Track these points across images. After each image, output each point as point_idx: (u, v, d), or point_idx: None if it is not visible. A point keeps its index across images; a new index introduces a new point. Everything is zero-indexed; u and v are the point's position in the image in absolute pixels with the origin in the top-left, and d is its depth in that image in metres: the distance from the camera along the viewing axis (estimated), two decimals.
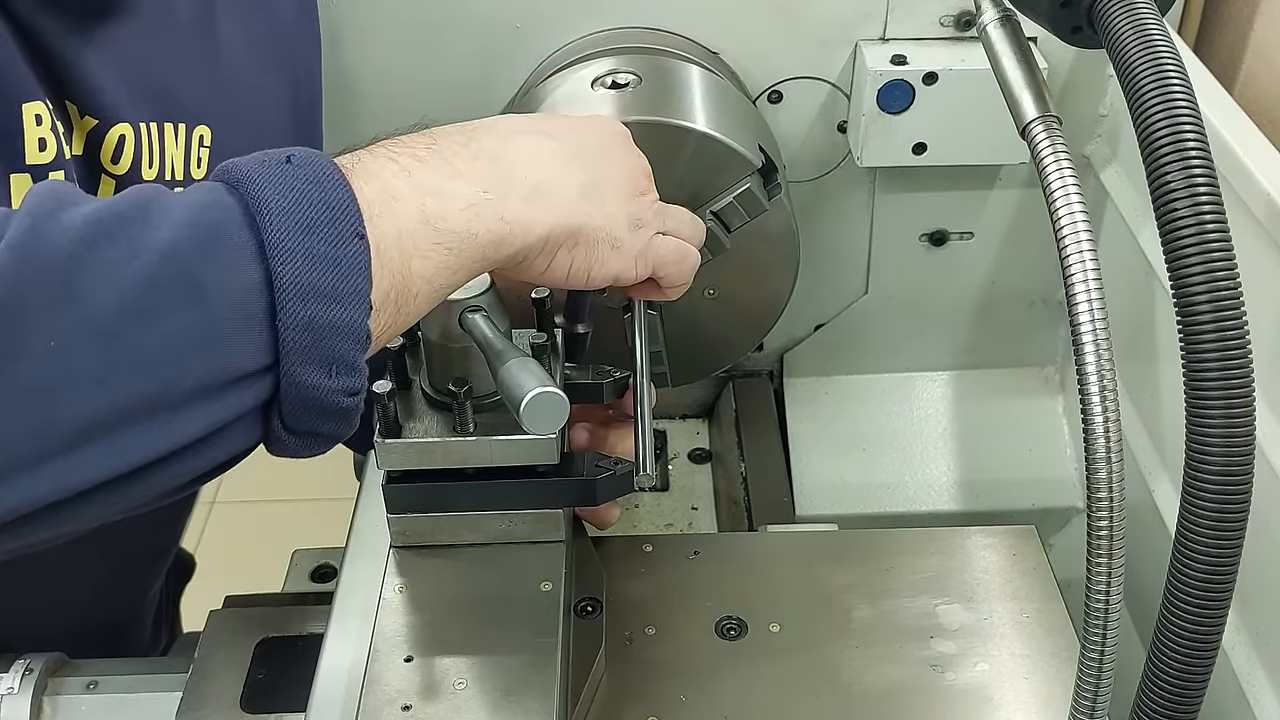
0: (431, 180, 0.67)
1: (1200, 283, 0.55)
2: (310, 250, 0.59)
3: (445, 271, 0.66)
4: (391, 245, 0.63)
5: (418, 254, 0.64)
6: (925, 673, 0.86)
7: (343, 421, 0.63)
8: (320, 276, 0.59)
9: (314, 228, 0.59)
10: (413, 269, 0.64)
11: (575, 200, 0.74)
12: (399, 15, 1.09)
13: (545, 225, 0.71)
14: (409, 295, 0.65)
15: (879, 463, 1.27)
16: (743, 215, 0.96)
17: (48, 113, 0.75)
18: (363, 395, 0.63)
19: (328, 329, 0.59)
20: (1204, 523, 0.57)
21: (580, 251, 0.75)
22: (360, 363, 0.61)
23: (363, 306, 0.60)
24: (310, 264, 0.59)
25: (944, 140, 1.11)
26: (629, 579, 0.93)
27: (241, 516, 2.51)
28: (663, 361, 1.03)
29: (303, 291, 0.58)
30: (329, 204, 0.60)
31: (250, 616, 0.97)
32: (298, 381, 0.59)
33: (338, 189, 0.61)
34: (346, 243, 0.60)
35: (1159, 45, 0.57)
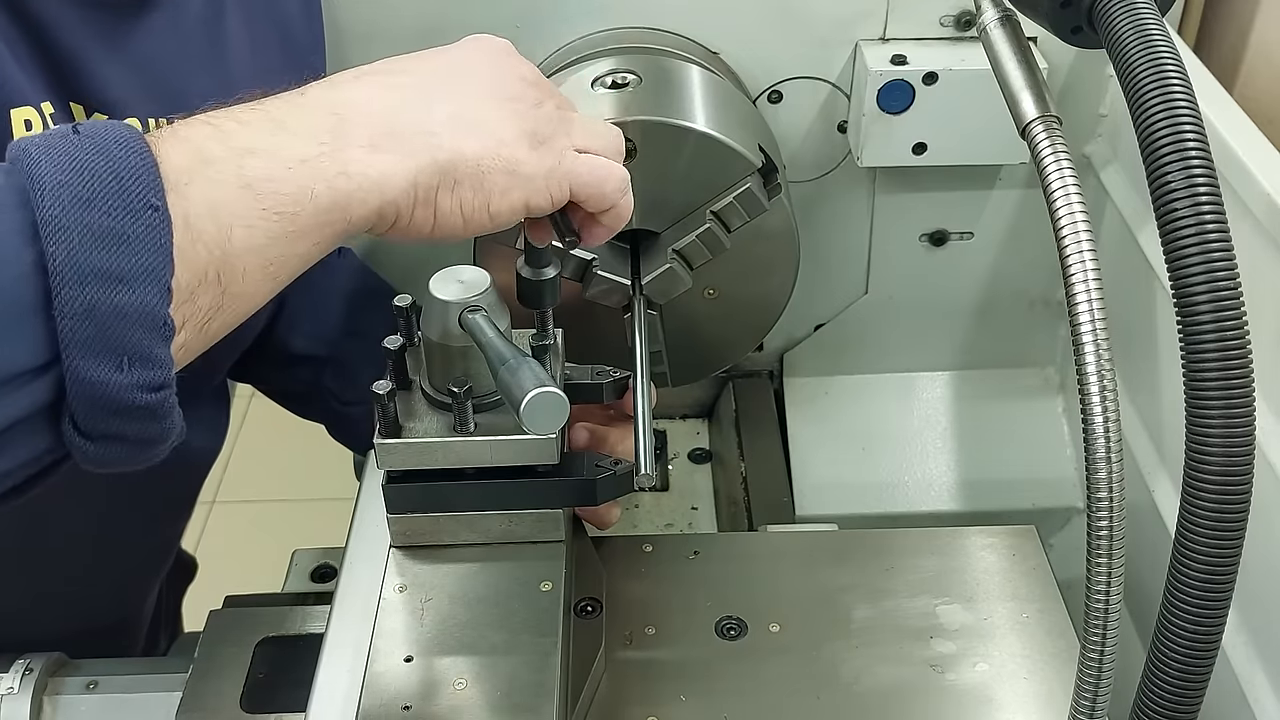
0: (253, 140, 0.59)
1: (1200, 283, 0.55)
2: (89, 225, 0.51)
3: (279, 241, 0.58)
4: (205, 216, 0.55)
5: (240, 224, 0.56)
6: (925, 673, 0.86)
7: (149, 421, 0.55)
8: (102, 255, 0.51)
9: (95, 201, 0.52)
10: (235, 242, 0.56)
11: (439, 133, 0.65)
12: (399, 17, 1.09)
13: (404, 171, 0.63)
14: (236, 272, 0.57)
15: (879, 463, 1.27)
16: (743, 215, 0.96)
17: (38, 118, 0.74)
18: (170, 391, 0.55)
19: (113, 315, 0.52)
20: (1204, 523, 0.57)
21: (466, 189, 0.65)
22: (159, 353, 0.53)
23: (156, 288, 0.53)
24: (90, 241, 0.51)
25: (944, 140, 1.11)
26: (629, 579, 0.93)
27: (241, 516, 2.51)
28: (663, 361, 1.03)
29: (80, 274, 0.51)
30: (116, 173, 0.53)
31: (250, 616, 0.97)
32: (82, 378, 0.52)
33: (129, 156, 0.54)
34: (136, 215, 0.52)
35: (1159, 45, 0.57)
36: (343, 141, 0.61)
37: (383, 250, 1.20)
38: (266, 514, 2.53)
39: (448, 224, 0.66)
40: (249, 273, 0.58)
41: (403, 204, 0.64)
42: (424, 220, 0.65)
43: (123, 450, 0.55)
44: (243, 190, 0.57)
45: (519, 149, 0.68)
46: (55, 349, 0.51)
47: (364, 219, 0.63)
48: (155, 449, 0.57)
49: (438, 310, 0.80)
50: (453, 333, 0.79)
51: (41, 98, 0.75)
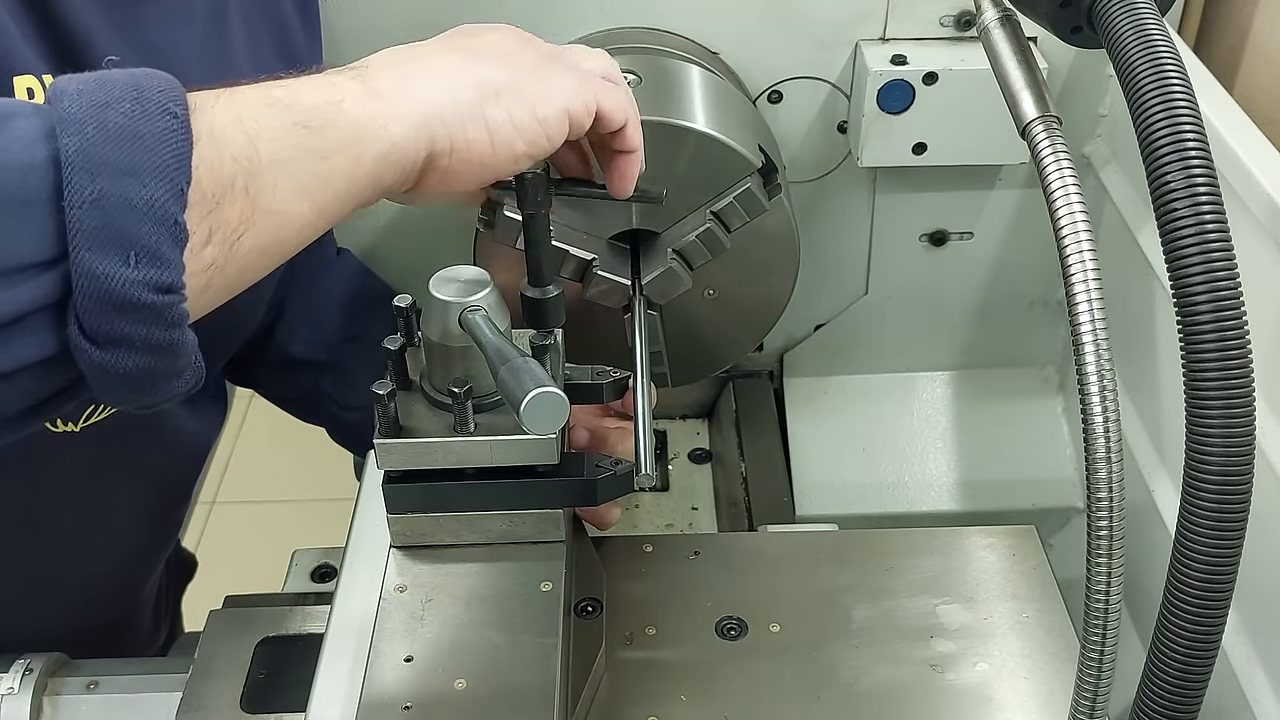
0: (279, 82, 0.60)
1: (1200, 283, 0.55)
2: (104, 122, 0.51)
3: (313, 156, 0.58)
4: (229, 125, 0.55)
5: (266, 135, 0.56)
6: (925, 673, 0.86)
7: (154, 323, 0.53)
8: (114, 150, 0.51)
9: (112, 104, 0.52)
10: (263, 154, 0.56)
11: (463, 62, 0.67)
12: (398, 18, 1.09)
13: (440, 85, 0.64)
14: (266, 185, 0.56)
15: (879, 463, 1.27)
16: (743, 215, 0.96)
17: (41, 87, 0.74)
18: (180, 296, 0.53)
19: (120, 205, 0.51)
20: (1204, 523, 0.57)
21: (508, 98, 0.66)
22: (169, 252, 0.52)
23: (168, 186, 0.52)
24: (103, 136, 0.51)
25: (944, 140, 1.11)
26: (629, 579, 0.93)
27: (241, 516, 2.51)
28: (663, 361, 1.03)
29: (91, 164, 0.51)
30: (137, 85, 0.53)
31: (250, 616, 0.97)
32: (88, 270, 0.51)
33: (154, 78, 0.54)
34: (152, 119, 0.52)
35: (1159, 45, 0.57)
36: (368, 75, 0.62)
37: (383, 250, 1.20)
38: (266, 514, 2.54)
39: (504, 136, 0.66)
40: (280, 189, 0.57)
41: (450, 119, 0.64)
42: (479, 137, 0.65)
43: (131, 360, 0.53)
44: (268, 106, 0.57)
45: (541, 64, 0.70)
46: (64, 244, 0.51)
47: (410, 140, 0.62)
48: (166, 367, 0.55)
49: (438, 310, 0.80)
50: (453, 333, 0.79)
51: (45, 69, 0.75)
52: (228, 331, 1.02)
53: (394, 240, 1.20)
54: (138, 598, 1.18)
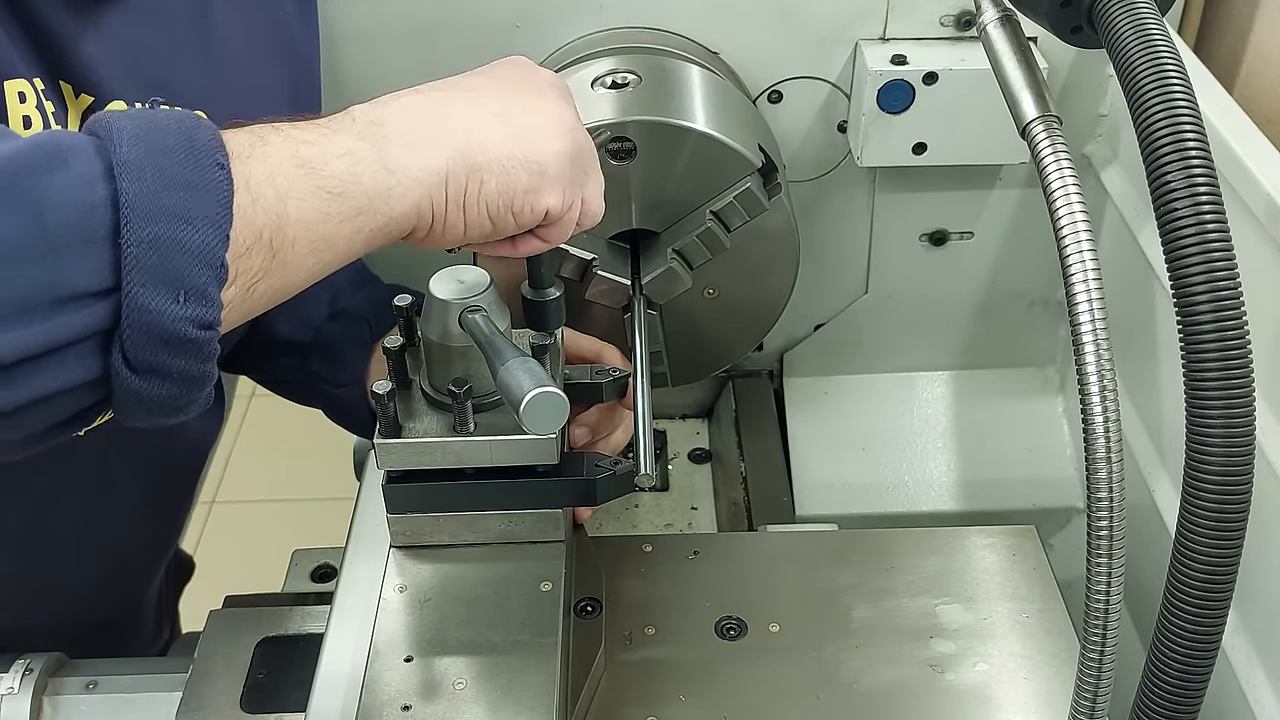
0: (306, 135, 0.64)
1: (1200, 283, 0.55)
2: (163, 171, 0.56)
3: (328, 220, 0.63)
4: (264, 181, 0.60)
5: (294, 195, 0.61)
6: (925, 673, 0.86)
7: (193, 359, 0.58)
8: (171, 197, 0.56)
9: (170, 153, 0.57)
10: (289, 212, 0.61)
11: (466, 130, 0.69)
12: (398, 16, 1.09)
13: (437, 165, 0.67)
14: (287, 240, 0.61)
15: (879, 463, 1.27)
16: (742, 215, 0.96)
17: (32, 90, 0.75)
18: (217, 333, 0.58)
19: (175, 247, 0.56)
20: (1204, 523, 0.57)
21: (492, 187, 0.69)
22: (213, 293, 0.57)
23: (217, 233, 0.57)
24: (162, 184, 0.56)
25: (944, 140, 1.11)
26: (629, 579, 0.93)
27: (241, 516, 2.51)
28: (663, 361, 1.03)
29: (150, 211, 0.55)
30: (188, 135, 0.58)
31: (250, 616, 0.97)
32: (140, 304, 0.56)
33: (199, 127, 0.59)
34: (204, 170, 0.57)
35: (1159, 45, 0.57)
36: (384, 144, 0.66)
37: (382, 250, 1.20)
38: (266, 514, 2.54)
39: (476, 225, 0.70)
40: (298, 244, 0.62)
41: (437, 202, 0.68)
42: (455, 222, 0.69)
43: (164, 389, 0.58)
44: (298, 167, 0.62)
45: (551, 155, 0.72)
46: (117, 277, 0.55)
47: (405, 213, 0.67)
48: (193, 395, 0.60)
49: (438, 310, 0.80)
50: (453, 333, 0.79)
51: (33, 73, 0.77)
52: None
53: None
54: (140, 599, 1.18)
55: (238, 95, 0.91)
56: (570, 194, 0.74)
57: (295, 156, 0.62)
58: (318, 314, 1.09)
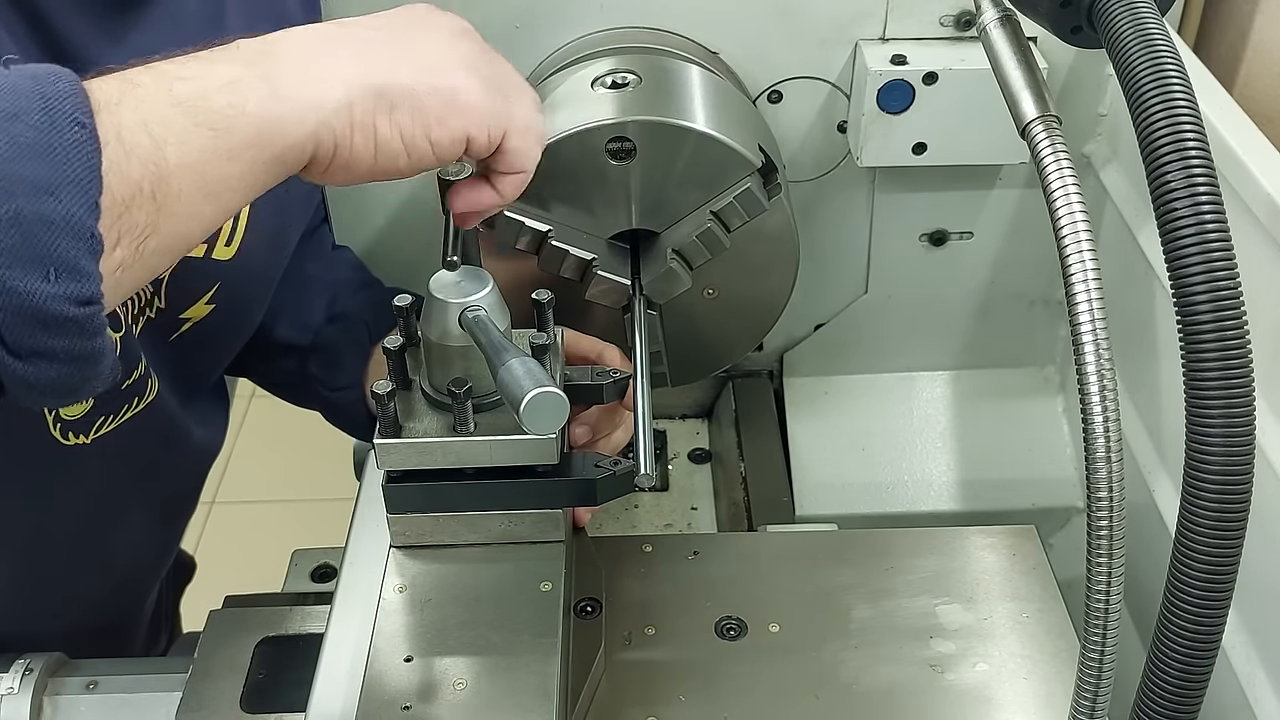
0: (182, 70, 0.60)
1: (1200, 283, 0.55)
2: (14, 137, 0.52)
3: (214, 160, 0.59)
4: (136, 129, 0.56)
5: (173, 139, 0.57)
6: (925, 673, 0.86)
7: (77, 337, 0.54)
8: (27, 166, 0.52)
9: (21, 115, 0.53)
10: (169, 159, 0.57)
11: (375, 52, 0.66)
12: None
13: (338, 93, 0.63)
14: (171, 190, 0.57)
15: (879, 463, 1.27)
16: (742, 215, 0.96)
17: None
18: (100, 306, 0.54)
19: (39, 223, 0.52)
20: (1204, 523, 0.57)
21: (404, 114, 0.65)
22: (87, 265, 0.53)
23: (83, 199, 0.53)
24: (15, 153, 0.52)
25: (944, 140, 1.11)
26: (629, 579, 0.93)
27: (241, 516, 2.51)
28: (663, 361, 1.03)
29: (6, 184, 0.51)
30: (43, 94, 0.53)
31: (250, 616, 0.97)
32: (9, 287, 0.52)
33: (56, 82, 0.54)
34: (62, 131, 0.53)
35: (1159, 45, 0.57)
36: (275, 68, 0.62)
37: (383, 250, 1.20)
38: (266, 514, 2.54)
39: (389, 151, 0.66)
40: (185, 192, 0.58)
41: (339, 128, 0.64)
42: (364, 148, 0.65)
43: (53, 371, 0.55)
44: (174, 107, 0.58)
45: (462, 79, 0.68)
46: None
47: (299, 143, 0.63)
48: (87, 373, 0.56)
49: (438, 310, 0.80)
50: (453, 333, 0.79)
51: None
52: (229, 337, 1.02)
53: (394, 240, 1.20)
54: (141, 604, 1.18)
55: None
56: (492, 119, 0.70)
57: (170, 95, 0.58)
58: (316, 317, 1.09)
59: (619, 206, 0.96)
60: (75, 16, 0.77)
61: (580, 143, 0.93)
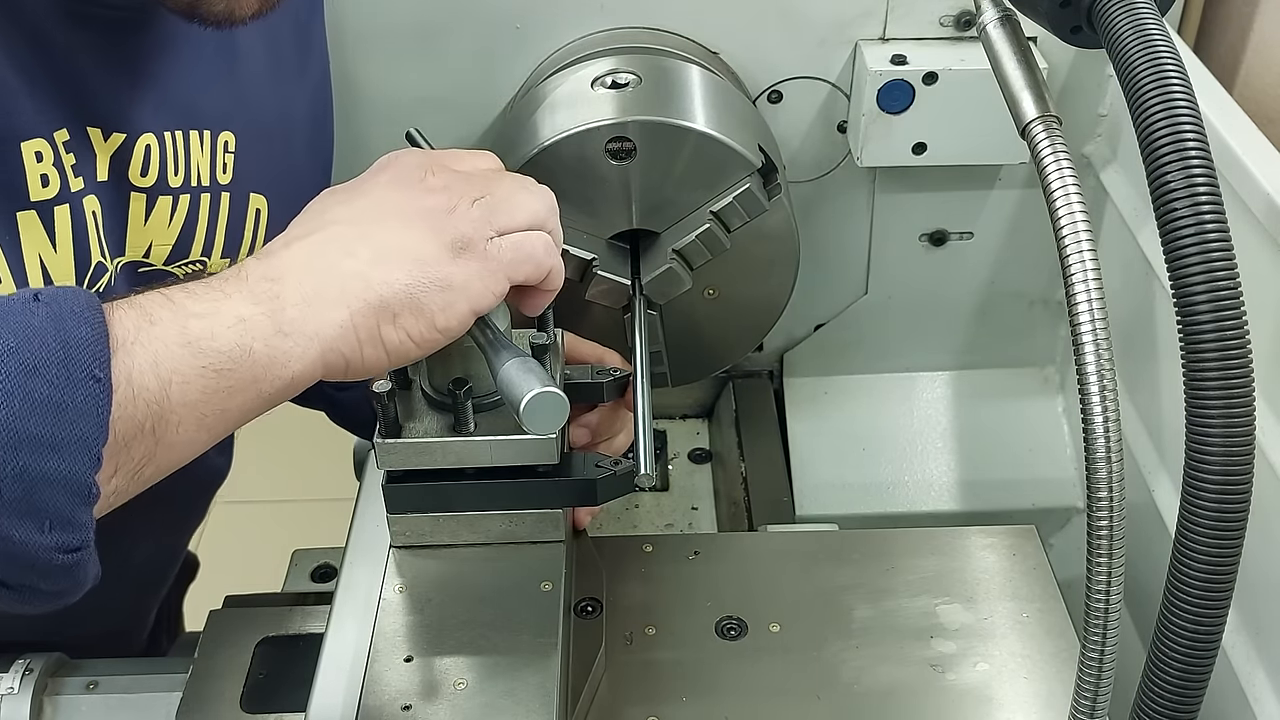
0: (197, 305, 0.63)
1: (1200, 283, 0.55)
2: (30, 394, 0.55)
3: (215, 396, 0.62)
4: (146, 370, 0.59)
5: (177, 379, 0.60)
6: (925, 673, 0.86)
7: (63, 579, 0.58)
8: (39, 423, 0.55)
9: (39, 369, 0.55)
10: (172, 396, 0.60)
11: (365, 274, 0.67)
12: (399, 17, 1.09)
13: (338, 319, 0.66)
14: (169, 425, 0.60)
15: (879, 463, 1.27)
16: (742, 215, 0.96)
17: (50, 148, 0.75)
18: (86, 553, 0.58)
19: (42, 480, 0.55)
20: (1204, 523, 0.57)
21: (407, 318, 0.68)
22: (80, 517, 0.57)
23: (87, 456, 0.56)
24: (29, 410, 0.55)
25: (944, 140, 1.11)
26: (629, 579, 0.93)
27: (241, 516, 2.51)
28: (663, 361, 1.03)
29: (16, 439, 0.54)
30: (64, 342, 0.56)
31: (250, 616, 0.97)
32: (5, 535, 0.55)
33: (80, 327, 0.57)
34: (77, 386, 0.56)
35: (1159, 45, 0.57)
36: (278, 304, 0.65)
37: None
38: (266, 514, 2.54)
39: (401, 353, 0.69)
40: (184, 425, 0.61)
41: (347, 349, 0.67)
42: (375, 356, 0.68)
43: (39, 600, 0.59)
44: (183, 347, 0.61)
45: (445, 265, 0.69)
46: None
47: (306, 371, 0.66)
48: (69, 595, 0.60)
49: None
50: None
51: (55, 126, 0.76)
52: None
53: None
54: (145, 611, 1.18)
55: (260, 111, 0.91)
56: (495, 284, 0.71)
57: (183, 334, 0.61)
58: None
59: (619, 206, 0.96)
60: (83, 47, 0.77)
61: (580, 143, 0.93)
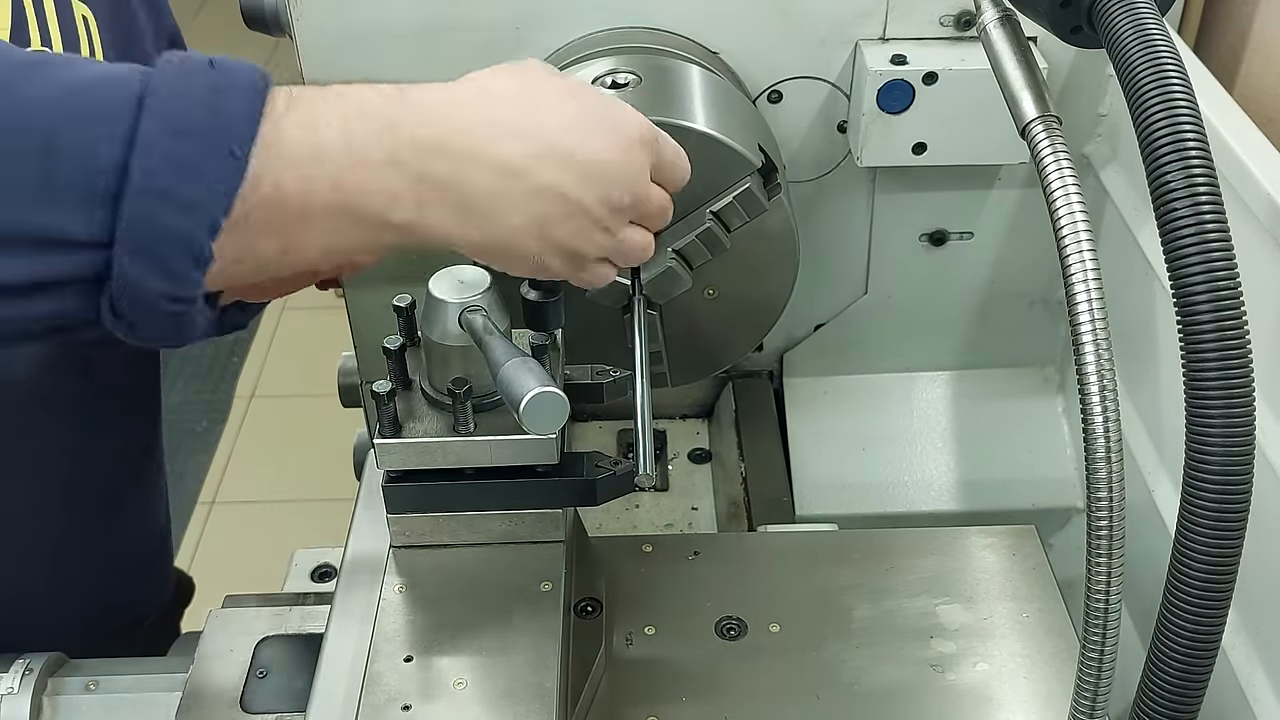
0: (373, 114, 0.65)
1: (1200, 283, 0.55)
2: (174, 155, 0.58)
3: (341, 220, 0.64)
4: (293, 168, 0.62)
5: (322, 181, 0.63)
6: (925, 673, 0.86)
7: (169, 326, 0.62)
8: (172, 180, 0.58)
9: (190, 133, 0.59)
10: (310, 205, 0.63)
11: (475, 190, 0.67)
12: (399, 17, 1.09)
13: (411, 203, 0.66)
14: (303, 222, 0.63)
15: (879, 463, 1.27)
16: (742, 215, 0.96)
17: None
18: (194, 307, 0.62)
19: (166, 234, 0.59)
20: (1204, 523, 0.57)
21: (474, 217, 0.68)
22: (192, 274, 0.60)
23: (208, 221, 0.59)
24: (169, 168, 0.58)
25: (944, 140, 1.11)
26: (629, 579, 0.93)
27: (241, 517, 2.51)
28: (663, 361, 1.03)
29: (152, 192, 0.58)
30: (219, 111, 0.60)
31: (250, 616, 0.97)
32: (124, 271, 0.59)
33: (239, 99, 0.60)
34: (216, 157, 0.59)
35: (1159, 45, 0.57)
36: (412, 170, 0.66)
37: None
38: (266, 514, 2.54)
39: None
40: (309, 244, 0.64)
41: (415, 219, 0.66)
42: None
43: (147, 335, 0.62)
44: (343, 150, 0.63)
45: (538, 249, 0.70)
46: (110, 235, 0.58)
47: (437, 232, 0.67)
48: (179, 338, 0.64)
49: (438, 310, 0.80)
50: (453, 333, 0.79)
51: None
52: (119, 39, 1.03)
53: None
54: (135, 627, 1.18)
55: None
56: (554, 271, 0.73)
57: (340, 180, 0.63)
58: None
59: None
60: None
61: None
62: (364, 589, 0.86)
